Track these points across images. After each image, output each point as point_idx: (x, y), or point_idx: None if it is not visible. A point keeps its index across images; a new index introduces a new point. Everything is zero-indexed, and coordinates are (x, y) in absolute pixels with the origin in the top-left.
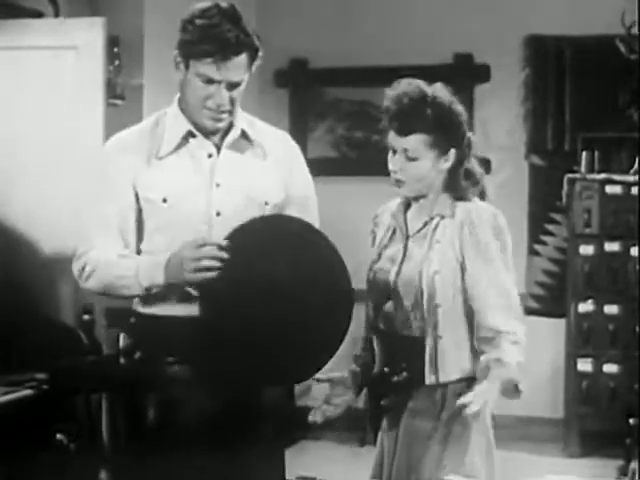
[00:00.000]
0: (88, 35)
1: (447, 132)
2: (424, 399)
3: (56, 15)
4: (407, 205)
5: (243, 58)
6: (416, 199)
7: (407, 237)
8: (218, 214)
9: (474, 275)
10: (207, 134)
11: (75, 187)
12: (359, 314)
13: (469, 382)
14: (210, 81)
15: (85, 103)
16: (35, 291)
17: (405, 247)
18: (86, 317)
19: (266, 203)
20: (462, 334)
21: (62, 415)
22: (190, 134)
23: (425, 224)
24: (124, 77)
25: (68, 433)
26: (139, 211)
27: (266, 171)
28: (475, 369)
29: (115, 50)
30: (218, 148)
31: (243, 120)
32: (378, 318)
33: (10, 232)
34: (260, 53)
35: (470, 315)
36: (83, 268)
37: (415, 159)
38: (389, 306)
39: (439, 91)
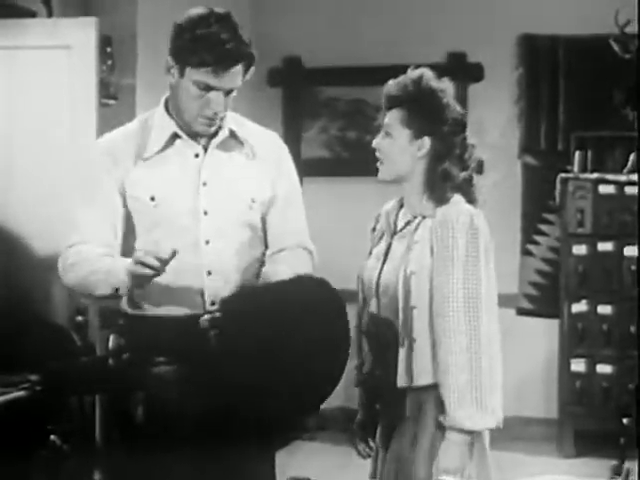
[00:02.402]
0: (81, 35)
1: (423, 113)
2: (407, 403)
3: (49, 15)
4: (401, 206)
5: (240, 67)
6: (405, 200)
7: (392, 235)
8: (205, 213)
9: (435, 278)
10: (193, 136)
11: (68, 187)
12: (354, 315)
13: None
14: (208, 88)
15: (78, 103)
16: (29, 292)
17: (389, 246)
18: (79, 318)
19: (253, 201)
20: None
21: (55, 416)
22: (176, 136)
23: (407, 223)
24: (117, 77)
25: (62, 434)
26: (128, 210)
27: (253, 170)
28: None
29: (108, 50)
30: (205, 148)
31: (232, 120)
32: (366, 317)
33: (4, 233)
34: (255, 61)
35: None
36: (64, 261)
37: (391, 135)
38: (374, 305)
39: (433, 78)
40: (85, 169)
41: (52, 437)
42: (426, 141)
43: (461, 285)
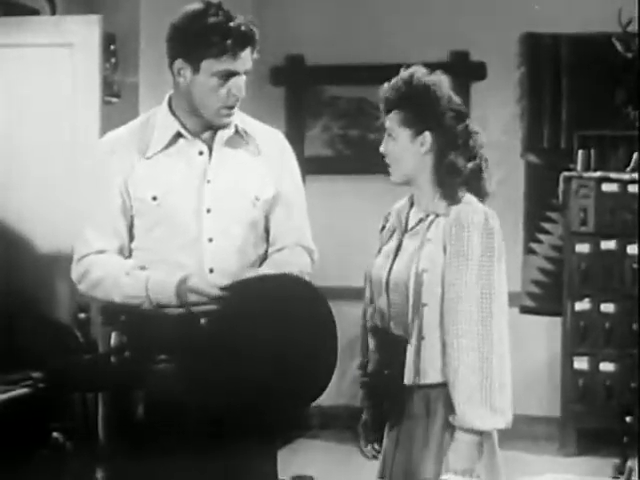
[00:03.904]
0: (84, 33)
1: (418, 110)
2: (415, 401)
3: (52, 12)
4: (412, 204)
5: (249, 48)
6: (415, 199)
7: (403, 233)
8: (208, 211)
9: (448, 277)
10: (196, 134)
11: (71, 185)
12: (359, 312)
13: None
14: (229, 75)
15: (81, 101)
16: (31, 290)
17: (400, 243)
18: (82, 315)
19: (256, 198)
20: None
21: (58, 414)
22: (179, 135)
23: (420, 221)
24: (120, 75)
25: (64, 432)
26: (131, 209)
27: (258, 167)
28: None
29: (111, 48)
30: (209, 146)
31: (236, 117)
32: (373, 315)
33: (6, 230)
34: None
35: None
36: (84, 274)
37: (394, 138)
38: (382, 303)
39: (426, 75)
40: (89, 171)
41: (54, 435)
42: (427, 136)
43: (475, 284)
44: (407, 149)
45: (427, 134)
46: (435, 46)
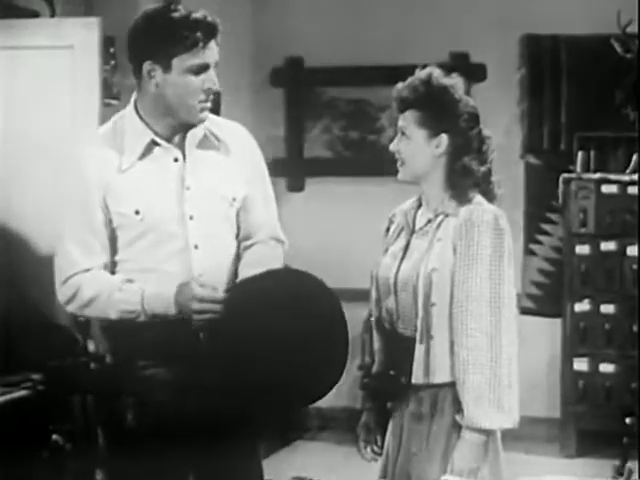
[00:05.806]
0: (84, 35)
1: (437, 111)
2: (422, 401)
3: (52, 15)
4: (419, 205)
5: (215, 38)
6: (424, 199)
7: (412, 233)
8: (191, 218)
9: (458, 276)
10: (168, 139)
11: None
12: (358, 313)
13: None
14: (201, 69)
15: (81, 103)
16: (31, 292)
17: (408, 243)
18: (81, 318)
19: (234, 199)
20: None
21: (58, 415)
22: (153, 143)
23: (429, 221)
24: (119, 77)
25: (64, 433)
26: (111, 223)
27: (230, 167)
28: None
29: (111, 50)
30: (182, 151)
31: None
32: (380, 315)
33: (6, 232)
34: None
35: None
36: (74, 295)
37: (408, 137)
38: (390, 303)
39: (443, 76)
40: (68, 187)
41: (54, 436)
42: (443, 138)
43: (485, 284)
44: (421, 149)
45: (444, 136)
46: (435, 47)
